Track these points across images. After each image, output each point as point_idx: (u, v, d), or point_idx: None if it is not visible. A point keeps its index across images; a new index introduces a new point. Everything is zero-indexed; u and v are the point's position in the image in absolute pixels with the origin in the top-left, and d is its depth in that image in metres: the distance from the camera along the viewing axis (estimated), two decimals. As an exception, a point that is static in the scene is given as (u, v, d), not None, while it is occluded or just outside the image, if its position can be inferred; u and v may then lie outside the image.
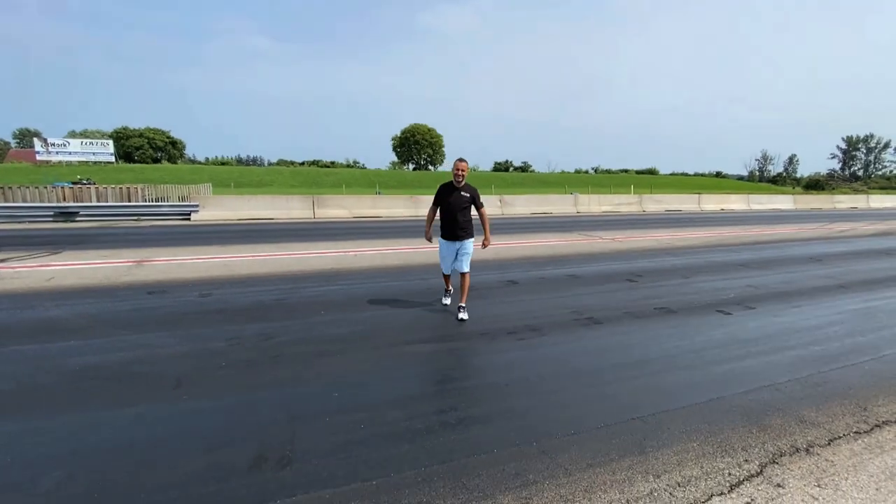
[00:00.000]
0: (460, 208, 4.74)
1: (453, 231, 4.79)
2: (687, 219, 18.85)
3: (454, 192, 4.75)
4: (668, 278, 6.96)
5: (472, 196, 4.79)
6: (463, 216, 4.77)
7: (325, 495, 2.12)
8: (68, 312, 4.85)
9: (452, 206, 4.74)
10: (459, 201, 4.74)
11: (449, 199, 4.75)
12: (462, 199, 4.74)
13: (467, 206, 4.78)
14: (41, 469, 2.29)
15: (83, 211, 15.12)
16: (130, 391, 3.13)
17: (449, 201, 4.75)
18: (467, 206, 4.79)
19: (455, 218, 4.74)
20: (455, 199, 4.74)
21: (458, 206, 4.74)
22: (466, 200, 4.76)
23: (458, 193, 4.75)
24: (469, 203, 4.79)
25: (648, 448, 2.51)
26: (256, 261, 8.07)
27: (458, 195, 4.74)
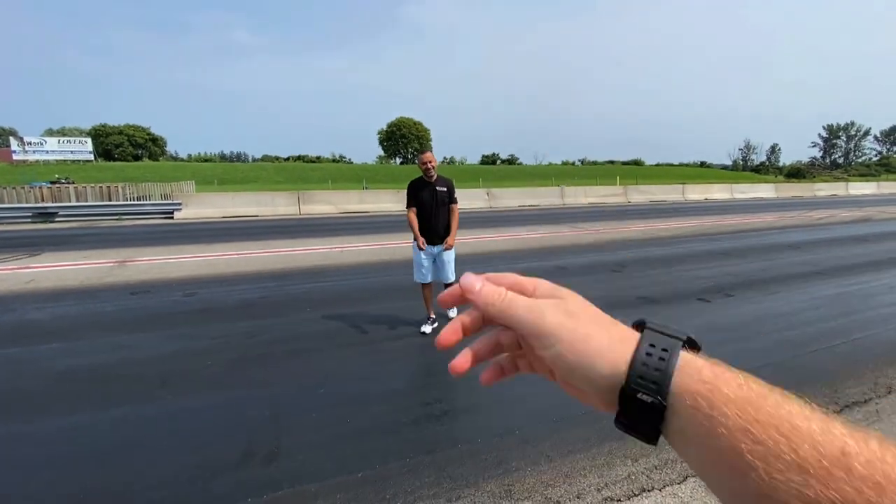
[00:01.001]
0: (438, 205, 4.10)
1: (430, 234, 4.14)
2: (671, 209, 19.12)
3: (427, 187, 4.09)
4: (652, 268, 7.09)
5: (449, 190, 4.16)
6: (443, 215, 4.14)
7: (311, 489, 2.15)
8: (49, 315, 4.78)
9: (428, 203, 4.07)
10: (436, 197, 4.08)
11: (423, 195, 4.10)
12: (439, 194, 4.09)
13: (444, 202, 4.13)
14: (29, 472, 2.29)
15: (62, 211, 14.80)
16: (115, 393, 3.12)
17: (424, 198, 4.09)
18: (444, 202, 4.13)
19: (432, 218, 4.10)
20: (430, 194, 4.08)
21: (436, 203, 4.08)
22: (444, 195, 4.12)
23: (433, 188, 4.08)
24: (445, 198, 4.14)
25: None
26: (241, 259, 8.01)
27: (433, 191, 4.08)
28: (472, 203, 20.29)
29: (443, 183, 4.12)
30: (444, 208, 4.12)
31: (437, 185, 4.09)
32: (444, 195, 4.10)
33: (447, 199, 4.13)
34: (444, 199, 4.11)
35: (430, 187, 4.08)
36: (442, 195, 4.09)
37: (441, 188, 4.09)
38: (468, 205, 20.01)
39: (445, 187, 4.12)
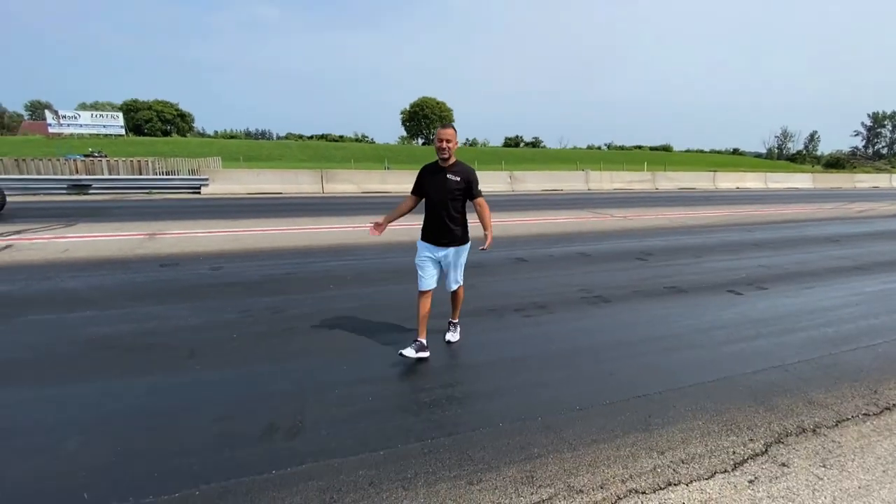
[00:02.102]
0: (448, 198, 3.19)
1: (438, 232, 3.26)
2: (701, 197, 18.50)
3: (438, 175, 3.21)
4: (680, 257, 6.88)
5: (464, 180, 3.20)
6: (453, 210, 3.23)
7: (333, 464, 2.18)
8: (84, 284, 4.95)
9: (436, 194, 3.22)
10: (446, 187, 3.18)
11: (432, 183, 3.24)
12: (450, 184, 3.18)
13: (458, 195, 3.22)
14: (63, 434, 2.38)
15: (96, 184, 15.25)
16: (145, 361, 3.21)
17: (432, 187, 3.24)
18: (458, 196, 3.23)
19: (439, 213, 3.22)
20: (439, 183, 3.20)
21: (445, 195, 3.19)
22: (456, 186, 3.18)
23: (443, 176, 3.18)
24: (461, 190, 3.21)
25: (654, 425, 2.53)
26: (266, 235, 8.13)
27: (443, 178, 3.18)
28: (493, 186, 20.05)
29: (459, 171, 3.20)
30: (455, 203, 3.23)
31: (450, 173, 3.18)
32: (455, 186, 3.18)
33: (461, 191, 3.22)
34: (455, 190, 3.19)
35: (441, 174, 3.20)
36: (453, 185, 3.17)
37: (454, 177, 3.17)
38: (490, 188, 19.78)
39: (460, 177, 3.18)
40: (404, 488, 2.03)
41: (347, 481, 2.06)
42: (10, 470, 2.11)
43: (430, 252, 3.32)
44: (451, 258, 3.34)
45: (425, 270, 3.33)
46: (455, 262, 3.38)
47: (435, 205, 3.25)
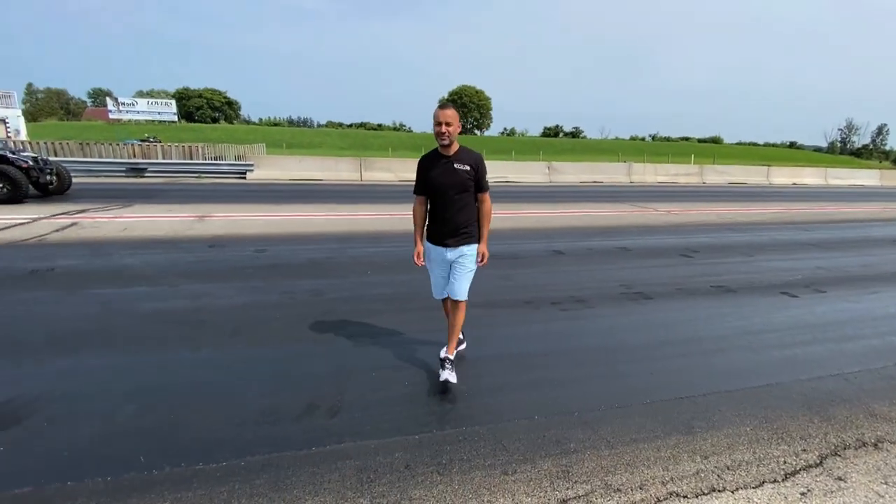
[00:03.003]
0: (457, 190, 2.72)
1: (447, 231, 2.78)
2: (753, 192, 17.50)
3: (443, 165, 2.72)
4: (728, 255, 6.55)
5: (472, 169, 2.72)
6: (463, 203, 2.76)
7: (370, 445, 2.23)
8: (140, 261, 5.26)
9: (439, 186, 2.74)
10: (450, 178, 2.70)
11: (435, 175, 2.74)
12: (455, 174, 2.69)
13: (466, 186, 2.72)
14: (119, 401, 2.55)
15: (151, 167, 16.13)
16: (194, 336, 3.38)
17: (435, 180, 2.74)
18: (466, 187, 2.73)
19: (448, 208, 2.75)
20: (445, 174, 2.71)
21: (449, 187, 2.71)
22: (466, 176, 2.70)
23: (449, 166, 2.70)
24: (469, 181, 2.72)
25: (697, 428, 2.43)
26: (307, 220, 8.35)
27: (450, 169, 2.70)
28: (531, 177, 19.73)
29: (466, 158, 2.72)
30: (466, 196, 2.74)
31: (456, 162, 2.70)
32: (465, 176, 2.69)
33: (471, 182, 2.73)
34: (465, 181, 2.70)
35: (445, 164, 2.71)
36: (463, 176, 2.69)
37: (462, 166, 2.69)
38: (527, 178, 19.49)
39: (469, 165, 2.71)
40: (439, 473, 2.05)
41: (384, 462, 2.11)
42: (76, 432, 2.28)
43: (439, 255, 2.85)
44: (461, 262, 2.82)
45: (437, 276, 2.95)
46: (464, 268, 2.83)
47: (441, 199, 2.76)
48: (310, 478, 2.00)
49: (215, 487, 1.92)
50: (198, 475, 1.99)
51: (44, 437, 2.22)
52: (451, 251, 2.81)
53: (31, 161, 9.74)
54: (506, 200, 12.61)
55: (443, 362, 2.87)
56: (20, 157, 9.63)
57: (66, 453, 2.11)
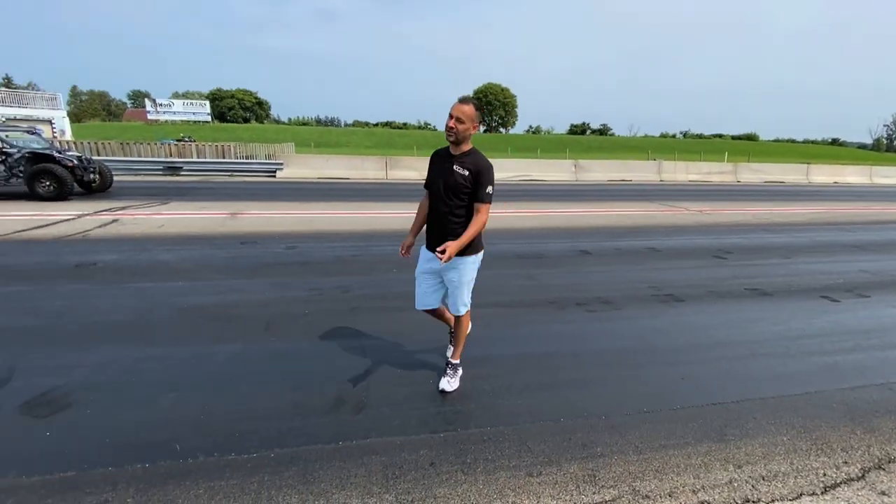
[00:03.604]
0: (451, 193, 2.49)
1: (439, 236, 2.56)
2: (791, 191, 16.77)
3: (445, 164, 2.52)
4: (764, 257, 6.30)
5: (471, 175, 2.44)
6: (456, 209, 2.51)
7: (396, 441, 2.25)
8: (176, 257, 5.47)
9: (439, 187, 2.53)
10: (447, 179, 2.48)
11: (435, 171, 2.60)
12: (455, 176, 2.45)
13: (465, 191, 2.46)
14: (158, 390, 2.66)
15: (186, 166, 16.71)
16: (227, 330, 3.50)
17: (434, 176, 2.59)
18: (465, 193, 2.47)
19: (441, 211, 2.54)
20: (444, 174, 2.50)
21: (448, 189, 2.49)
22: (462, 181, 2.44)
23: (449, 166, 2.48)
24: (464, 186, 2.45)
25: (730, 436, 2.36)
26: (335, 218, 8.50)
27: (448, 169, 2.48)
28: (557, 175, 19.48)
29: (470, 162, 2.45)
30: (460, 201, 2.49)
31: (457, 164, 2.46)
32: (461, 180, 2.44)
33: (467, 189, 2.45)
34: (460, 186, 2.45)
35: (448, 163, 2.50)
36: (459, 179, 2.44)
37: (461, 169, 2.45)
38: (552, 176, 19.25)
39: (469, 170, 2.44)
40: (464, 472, 2.05)
41: (409, 459, 2.13)
42: (116, 419, 2.39)
43: (429, 263, 2.68)
44: (455, 273, 2.60)
45: (421, 285, 2.74)
46: (459, 279, 2.61)
47: (437, 200, 2.56)
48: (337, 472, 2.04)
49: (246, 478, 1.99)
50: (230, 465, 2.06)
51: (87, 423, 2.35)
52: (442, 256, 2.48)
53: (76, 160, 10.24)
54: (531, 199, 12.49)
55: (447, 365, 2.85)
56: (66, 157, 10.15)
57: (107, 439, 2.22)
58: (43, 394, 2.57)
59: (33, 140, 10.82)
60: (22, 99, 29.22)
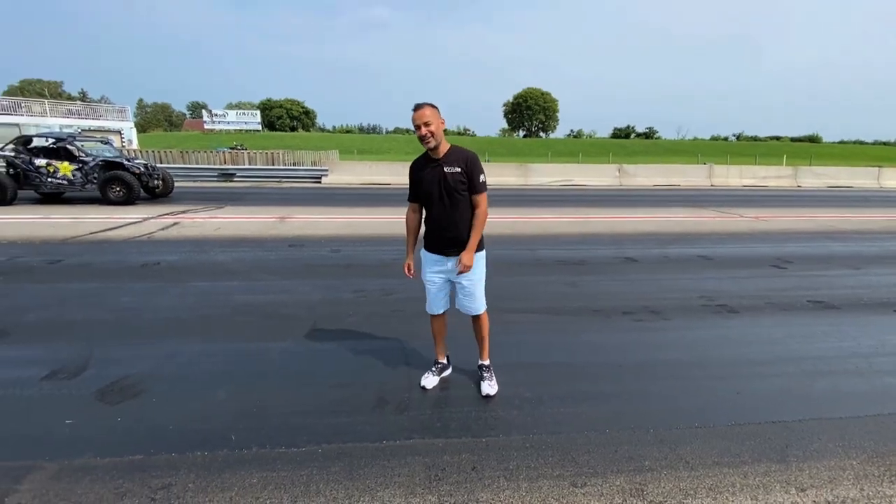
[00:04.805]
0: (446, 195, 2.51)
1: (443, 238, 2.61)
2: (859, 197, 15.52)
3: (433, 168, 2.52)
4: (830, 268, 5.87)
5: (465, 170, 2.49)
6: (458, 208, 2.54)
7: (438, 443, 2.27)
8: (230, 258, 5.78)
9: (435, 192, 2.53)
10: (444, 182, 2.49)
11: (427, 180, 2.55)
12: (449, 177, 2.48)
13: (463, 188, 2.51)
14: (216, 382, 2.82)
15: (239, 172, 17.66)
16: (277, 328, 3.66)
17: (424, 185, 2.57)
18: (463, 190, 2.51)
19: (442, 214, 2.56)
20: (436, 178, 2.51)
21: (445, 192, 2.51)
22: (458, 178, 2.49)
23: (439, 169, 2.50)
24: (461, 182, 2.50)
25: (792, 457, 2.21)
26: (377, 222, 8.70)
27: (440, 172, 2.50)
28: (599, 180, 19.02)
29: (457, 159, 2.50)
30: (458, 199, 2.52)
31: (446, 165, 2.49)
32: (457, 178, 2.48)
33: (464, 185, 2.50)
34: (457, 183, 2.49)
35: (435, 167, 2.51)
36: (455, 178, 2.48)
37: (452, 168, 2.48)
38: (595, 181, 18.81)
39: (459, 167, 2.49)
40: (506, 479, 2.04)
41: (451, 462, 2.14)
42: (178, 409, 2.56)
43: (438, 265, 2.69)
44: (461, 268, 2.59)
45: (432, 291, 2.77)
46: (472, 278, 2.65)
47: (436, 205, 2.56)
48: (381, 470, 2.08)
49: (296, 470, 2.07)
50: (281, 457, 2.16)
51: (153, 411, 2.52)
52: (450, 260, 2.63)
53: (143, 167, 11.07)
54: (571, 204, 12.26)
55: (480, 369, 2.89)
56: (134, 164, 10.99)
57: (170, 427, 2.37)
58: (114, 382, 2.79)
59: (106, 149, 11.79)
60: (96, 112, 31.91)
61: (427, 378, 2.85)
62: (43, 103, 29.49)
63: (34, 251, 5.99)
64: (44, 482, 1.97)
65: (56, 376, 2.85)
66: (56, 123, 26.97)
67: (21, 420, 2.44)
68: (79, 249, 6.16)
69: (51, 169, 10.49)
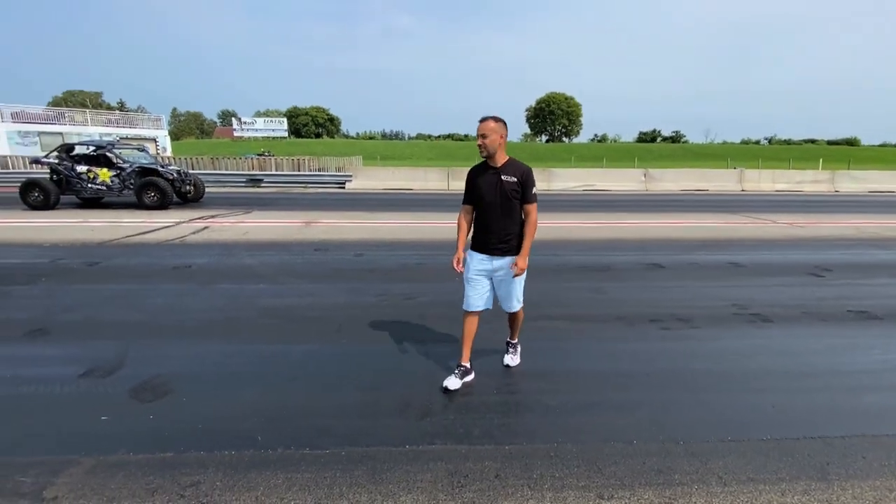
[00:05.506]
0: (503, 200, 2.77)
1: (493, 240, 2.84)
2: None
3: (490, 176, 2.79)
4: (872, 276, 5.58)
5: (520, 181, 2.76)
6: (509, 214, 2.80)
7: (461, 450, 2.26)
8: (258, 261, 5.92)
9: (490, 197, 2.79)
10: (500, 188, 2.76)
11: (482, 185, 2.81)
12: (500, 185, 2.75)
13: (516, 196, 2.77)
14: (243, 383, 2.88)
15: (266, 178, 18.11)
16: (303, 331, 3.71)
17: (482, 190, 2.81)
18: (516, 198, 2.77)
19: (494, 218, 2.81)
20: (492, 185, 2.78)
21: (494, 198, 2.77)
22: (512, 187, 2.75)
23: (496, 177, 2.77)
24: (514, 193, 2.76)
25: (833, 476, 2.10)
26: (400, 227, 8.77)
27: (496, 179, 2.77)
28: (624, 185, 18.68)
29: (513, 170, 2.78)
30: (511, 205, 2.79)
31: (503, 174, 2.76)
32: (512, 187, 2.75)
33: (518, 194, 2.77)
34: (511, 192, 2.76)
35: (492, 175, 2.79)
36: (510, 187, 2.75)
37: (509, 177, 2.76)
38: (619, 186, 18.48)
39: (516, 177, 2.76)
40: (530, 488, 2.01)
41: (474, 469, 2.12)
42: (207, 408, 2.61)
43: (483, 264, 2.88)
44: (506, 272, 2.85)
45: (475, 287, 2.90)
46: (509, 278, 2.88)
47: (488, 210, 2.81)
48: (404, 475, 2.08)
49: (320, 472, 2.08)
50: (305, 459, 2.18)
51: (183, 409, 2.59)
52: (496, 260, 2.86)
53: (176, 174, 11.49)
54: (595, 209, 12.07)
55: (507, 345, 3.25)
56: (167, 171, 11.41)
57: (199, 426, 2.43)
58: (147, 380, 2.88)
59: (142, 156, 12.28)
60: (133, 120, 33.35)
61: (450, 380, 2.88)
62: (84, 113, 31.04)
63: (75, 254, 6.27)
64: (80, 477, 2.04)
65: (93, 374, 2.96)
66: (96, 132, 28.32)
67: (60, 415, 2.54)
68: (115, 252, 6.42)
69: (91, 175, 11.00)
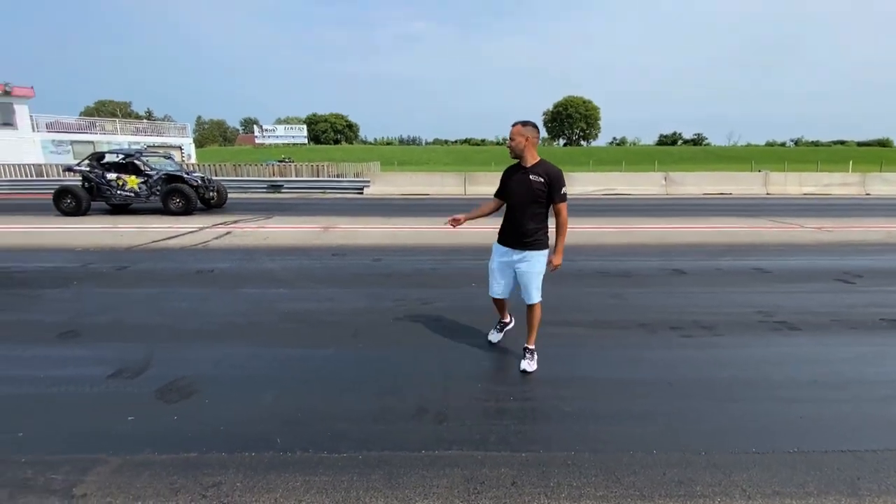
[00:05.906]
0: (529, 199, 3.00)
1: (516, 234, 3.10)
2: (941, 206, 14.13)
3: (520, 175, 3.04)
4: (906, 283, 5.36)
5: (547, 182, 2.95)
6: (533, 212, 3.03)
7: (477, 456, 2.25)
8: (278, 266, 6.03)
9: (517, 195, 3.05)
10: (523, 188, 3.00)
11: (512, 183, 3.08)
12: (529, 184, 2.98)
13: (538, 196, 2.98)
14: (262, 386, 2.93)
15: (286, 184, 18.44)
16: (321, 335, 3.76)
17: (512, 188, 3.08)
18: (537, 198, 2.99)
19: (519, 215, 3.06)
20: (520, 184, 3.02)
21: (526, 196, 3.01)
22: (539, 187, 2.96)
23: (525, 176, 2.99)
24: (540, 192, 2.97)
25: (864, 491, 2.02)
26: (416, 232, 8.81)
27: (525, 179, 2.99)
28: (644, 188, 18.38)
29: (543, 171, 2.97)
30: (537, 205, 3.02)
31: (532, 174, 2.97)
32: (539, 187, 2.95)
33: (543, 193, 2.97)
34: (538, 192, 2.96)
35: (522, 174, 3.02)
36: (535, 186, 2.95)
37: (536, 177, 2.95)
38: (639, 190, 18.20)
39: (543, 178, 2.95)
40: (547, 496, 1.99)
41: (490, 476, 2.11)
42: (228, 410, 2.67)
43: (505, 256, 3.21)
44: (527, 265, 3.10)
45: (496, 276, 3.31)
46: (531, 270, 3.10)
47: (515, 206, 3.09)
48: (420, 480, 2.08)
49: (337, 476, 2.11)
50: (323, 462, 2.20)
51: (206, 411, 2.65)
52: (516, 254, 3.13)
53: (200, 180, 11.81)
54: (614, 213, 11.91)
55: (524, 351, 3.24)
56: (192, 177, 11.74)
57: (221, 427, 2.48)
58: (172, 382, 2.96)
59: (168, 163, 12.66)
60: (159, 129, 34.47)
61: (492, 334, 3.58)
62: (114, 122, 32.23)
63: (104, 258, 6.50)
64: (107, 475, 2.11)
65: (120, 375, 3.06)
66: (125, 140, 29.35)
67: (89, 415, 2.63)
68: (142, 256, 6.63)
69: (120, 182, 11.40)
